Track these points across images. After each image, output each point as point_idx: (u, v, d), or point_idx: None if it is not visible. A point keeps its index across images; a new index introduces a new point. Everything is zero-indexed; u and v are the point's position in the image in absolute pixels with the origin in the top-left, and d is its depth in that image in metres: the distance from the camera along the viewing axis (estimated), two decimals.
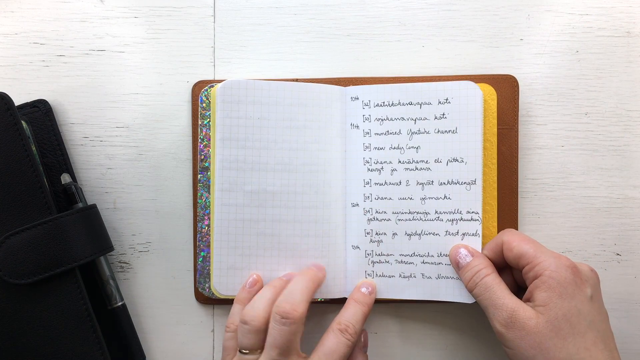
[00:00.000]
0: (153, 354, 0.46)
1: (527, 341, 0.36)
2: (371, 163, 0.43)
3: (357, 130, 0.44)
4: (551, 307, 0.36)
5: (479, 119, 0.42)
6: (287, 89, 0.42)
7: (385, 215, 0.43)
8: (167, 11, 0.47)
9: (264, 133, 0.42)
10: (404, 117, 0.43)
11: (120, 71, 0.46)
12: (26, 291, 0.40)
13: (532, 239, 0.40)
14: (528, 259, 0.38)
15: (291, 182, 0.43)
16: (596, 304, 0.37)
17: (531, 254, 0.38)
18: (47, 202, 0.41)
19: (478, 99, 0.42)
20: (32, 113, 0.45)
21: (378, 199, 0.43)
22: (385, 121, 0.43)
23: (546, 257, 0.38)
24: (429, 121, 0.43)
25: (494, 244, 0.41)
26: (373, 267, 0.44)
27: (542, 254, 0.38)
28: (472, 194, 0.42)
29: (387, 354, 0.46)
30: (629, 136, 0.46)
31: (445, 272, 0.43)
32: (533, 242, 0.39)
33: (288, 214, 0.42)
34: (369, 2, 0.46)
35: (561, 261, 0.37)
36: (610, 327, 0.38)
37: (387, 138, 0.43)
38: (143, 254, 0.46)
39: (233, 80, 0.42)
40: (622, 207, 0.46)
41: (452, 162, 0.43)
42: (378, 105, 0.43)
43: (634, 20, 0.46)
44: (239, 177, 0.42)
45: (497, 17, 0.46)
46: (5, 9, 0.46)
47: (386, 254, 0.43)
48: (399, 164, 0.43)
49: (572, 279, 0.37)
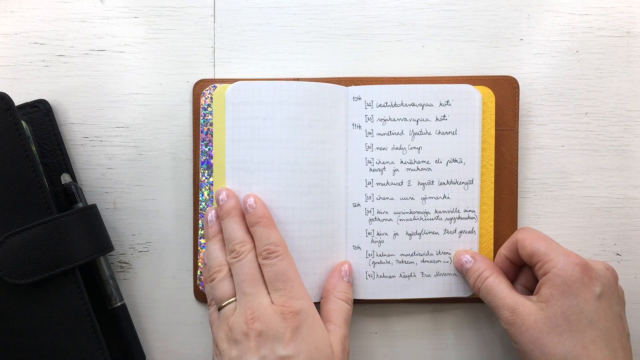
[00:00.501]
0: (153, 354, 0.46)
1: (526, 336, 0.37)
2: (373, 163, 0.43)
3: (359, 130, 0.44)
4: (552, 303, 0.37)
5: (477, 122, 0.43)
6: (292, 89, 0.42)
7: (387, 215, 0.43)
8: (167, 11, 0.46)
9: (269, 133, 0.42)
10: (407, 118, 0.43)
11: (120, 71, 0.46)
12: (26, 291, 0.40)
13: (547, 236, 0.40)
14: (539, 257, 0.39)
15: (296, 182, 0.42)
16: (605, 302, 0.37)
17: (542, 252, 0.39)
18: (47, 202, 0.41)
19: (477, 102, 0.43)
20: (32, 113, 0.45)
21: (380, 199, 0.43)
22: (387, 121, 0.43)
23: (556, 254, 0.38)
24: (430, 122, 0.43)
25: (510, 242, 0.42)
26: (374, 268, 0.44)
27: (553, 251, 0.38)
28: (470, 193, 0.43)
29: (387, 353, 0.46)
30: (629, 136, 0.46)
31: (443, 269, 0.44)
32: (546, 239, 0.39)
33: (294, 215, 0.42)
34: (369, 2, 0.46)
35: (570, 259, 0.37)
36: (622, 326, 0.38)
37: (390, 138, 0.43)
38: (143, 254, 0.46)
39: (241, 82, 0.42)
40: (622, 207, 0.46)
41: (451, 163, 0.43)
42: (381, 105, 0.43)
43: (634, 20, 0.46)
44: (246, 177, 0.42)
45: (497, 17, 0.46)
46: (5, 9, 0.46)
47: (387, 254, 0.43)
48: (400, 164, 0.43)
49: (579, 277, 0.37)
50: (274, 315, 0.37)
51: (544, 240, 0.39)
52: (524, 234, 0.41)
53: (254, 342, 0.36)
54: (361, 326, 0.46)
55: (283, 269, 0.38)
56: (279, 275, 0.38)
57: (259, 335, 0.36)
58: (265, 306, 0.37)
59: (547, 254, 0.38)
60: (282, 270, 0.38)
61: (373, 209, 0.43)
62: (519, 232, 0.41)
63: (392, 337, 0.46)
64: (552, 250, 0.38)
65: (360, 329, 0.46)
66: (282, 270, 0.38)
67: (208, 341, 0.46)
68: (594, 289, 0.37)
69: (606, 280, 0.38)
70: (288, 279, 0.38)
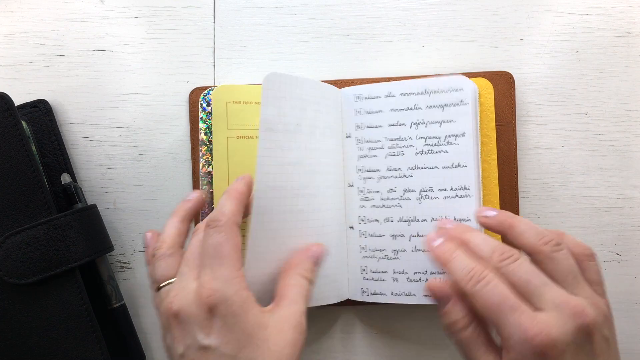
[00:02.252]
0: (153, 354, 0.46)
1: None
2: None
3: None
4: None
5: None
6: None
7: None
8: (167, 11, 0.47)
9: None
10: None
11: (120, 71, 0.46)
12: (26, 291, 0.40)
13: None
14: (495, 327, 0.31)
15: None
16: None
17: (495, 323, 0.30)
18: (47, 202, 0.41)
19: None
20: (32, 113, 0.45)
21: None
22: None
23: (508, 326, 0.30)
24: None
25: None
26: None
27: (505, 319, 0.30)
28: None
29: (387, 354, 0.46)
30: (629, 136, 0.46)
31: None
32: (502, 290, 0.31)
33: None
34: (369, 2, 0.46)
35: (525, 333, 0.29)
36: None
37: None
38: (143, 254, 0.46)
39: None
40: (622, 207, 0.46)
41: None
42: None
43: (634, 20, 0.46)
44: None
45: (497, 17, 0.46)
46: (5, 9, 0.46)
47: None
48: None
49: (538, 357, 0.29)
50: (191, 298, 0.31)
51: (500, 291, 0.30)
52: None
53: (177, 330, 0.31)
54: (361, 326, 0.46)
55: (216, 242, 0.32)
56: (209, 249, 0.32)
57: (178, 321, 0.31)
58: (189, 288, 0.32)
59: (500, 320, 0.30)
60: (214, 244, 0.32)
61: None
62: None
63: (392, 337, 0.46)
64: (507, 314, 0.30)
65: (360, 329, 0.46)
66: (215, 243, 0.32)
67: None
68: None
69: (581, 346, 0.29)
70: (219, 254, 0.32)
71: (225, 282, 0.31)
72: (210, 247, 0.32)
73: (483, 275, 0.31)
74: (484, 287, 0.31)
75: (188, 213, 0.38)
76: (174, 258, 0.35)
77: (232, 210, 0.34)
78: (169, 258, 0.35)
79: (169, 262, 0.35)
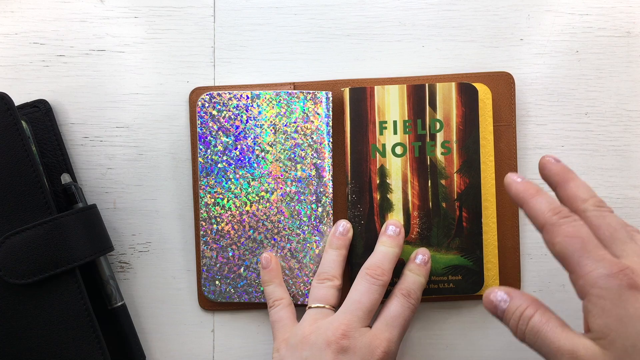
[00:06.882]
0: (153, 354, 0.46)
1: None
2: None
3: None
4: (613, 338, 0.29)
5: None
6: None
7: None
8: (167, 11, 0.47)
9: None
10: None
11: (120, 71, 0.46)
12: (26, 291, 0.40)
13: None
14: (570, 265, 0.30)
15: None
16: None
17: (574, 260, 0.30)
18: (47, 202, 0.41)
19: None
20: (32, 113, 0.45)
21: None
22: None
23: (591, 262, 0.29)
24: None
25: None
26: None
27: (588, 255, 0.30)
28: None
29: None
30: (629, 136, 0.46)
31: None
32: (580, 236, 0.30)
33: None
34: (369, 2, 0.46)
35: (610, 268, 0.29)
36: None
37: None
38: (143, 254, 0.46)
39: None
40: (622, 207, 0.46)
41: None
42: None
43: (634, 20, 0.46)
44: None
45: (497, 17, 0.46)
46: (5, 9, 0.46)
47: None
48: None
49: (628, 290, 0.29)
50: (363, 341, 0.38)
51: (577, 237, 0.30)
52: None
53: (332, 356, 0.38)
54: None
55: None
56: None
57: (342, 351, 0.38)
58: (362, 331, 0.39)
59: (580, 263, 0.30)
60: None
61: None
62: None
63: None
64: (588, 253, 0.30)
65: None
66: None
67: (208, 341, 0.46)
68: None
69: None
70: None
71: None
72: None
73: (569, 213, 0.32)
74: (572, 222, 0.31)
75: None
76: (336, 292, 0.42)
77: (390, 267, 0.42)
78: (334, 290, 0.42)
79: (331, 292, 0.42)
